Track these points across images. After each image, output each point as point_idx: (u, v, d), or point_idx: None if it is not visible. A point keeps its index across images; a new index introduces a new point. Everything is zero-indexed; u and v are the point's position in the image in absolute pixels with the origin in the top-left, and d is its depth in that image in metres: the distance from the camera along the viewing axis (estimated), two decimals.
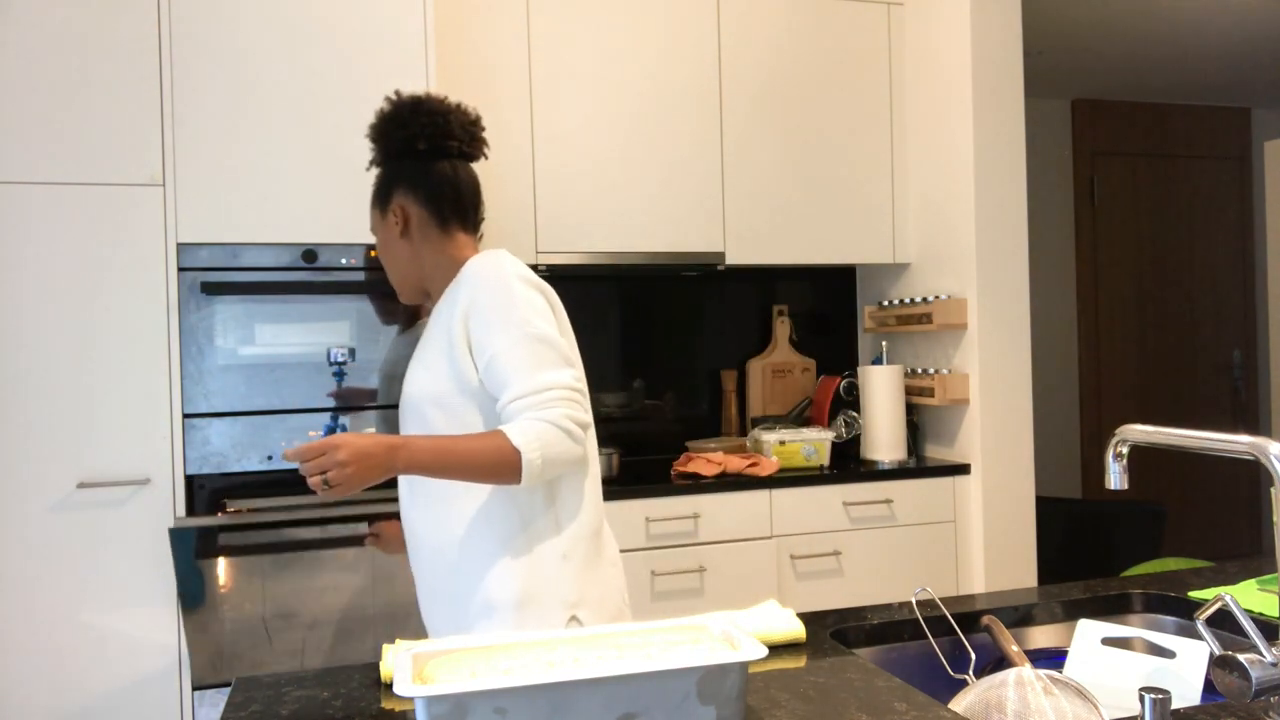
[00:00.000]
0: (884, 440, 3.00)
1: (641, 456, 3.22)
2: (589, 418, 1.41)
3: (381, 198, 1.55)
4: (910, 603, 1.36)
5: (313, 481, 1.25)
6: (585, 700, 0.88)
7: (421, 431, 1.44)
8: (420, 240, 1.53)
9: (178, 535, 2.08)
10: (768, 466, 2.79)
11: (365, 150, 2.34)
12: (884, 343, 3.22)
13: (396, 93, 1.56)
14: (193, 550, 2.10)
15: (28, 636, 2.13)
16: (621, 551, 2.58)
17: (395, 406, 2.35)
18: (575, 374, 1.40)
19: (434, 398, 1.43)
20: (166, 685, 2.19)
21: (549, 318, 1.42)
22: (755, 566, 2.70)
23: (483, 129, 1.58)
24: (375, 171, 1.63)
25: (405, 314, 2.37)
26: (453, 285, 1.47)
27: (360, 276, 2.34)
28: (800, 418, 3.26)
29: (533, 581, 1.38)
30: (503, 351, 1.37)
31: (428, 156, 1.53)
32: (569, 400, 1.37)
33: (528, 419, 1.34)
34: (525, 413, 1.35)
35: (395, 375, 2.35)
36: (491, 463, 1.31)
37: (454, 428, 1.42)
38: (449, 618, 1.43)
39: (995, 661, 1.24)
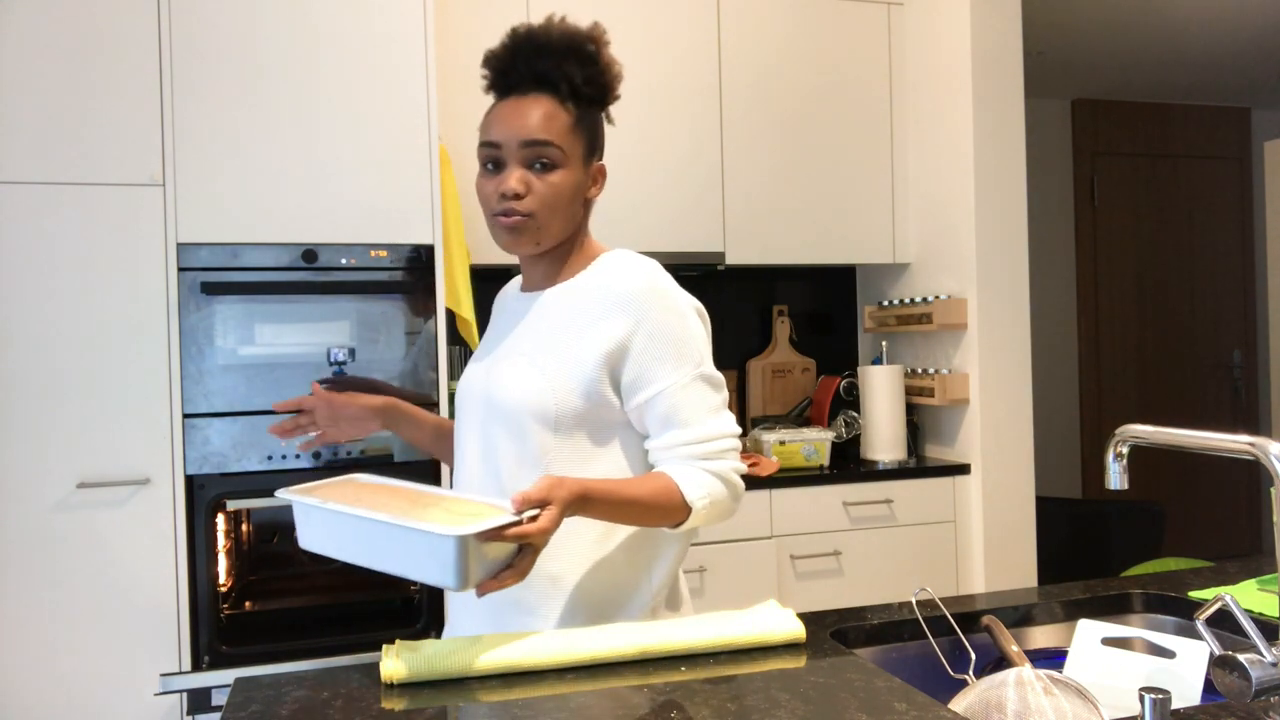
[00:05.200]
0: (884, 440, 3.00)
1: None
2: (745, 466, 1.32)
3: (593, 143, 1.35)
4: (910, 603, 1.36)
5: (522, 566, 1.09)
6: (349, 530, 1.12)
7: (510, 444, 1.28)
8: (587, 211, 1.38)
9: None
10: (768, 466, 2.79)
11: (365, 151, 2.36)
12: (884, 343, 3.23)
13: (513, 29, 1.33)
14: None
15: (28, 636, 2.13)
16: None
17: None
18: (733, 417, 1.32)
19: (542, 413, 1.25)
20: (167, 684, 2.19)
21: (710, 349, 1.33)
22: (755, 566, 2.70)
23: None
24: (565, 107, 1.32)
25: (411, 314, 2.37)
26: (597, 285, 1.29)
27: (360, 276, 2.34)
28: (800, 418, 3.26)
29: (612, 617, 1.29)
30: (672, 390, 1.25)
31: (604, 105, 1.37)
32: (734, 452, 1.29)
33: (697, 468, 1.24)
34: (692, 461, 1.25)
35: (398, 375, 2.35)
36: (660, 510, 1.21)
37: (559, 448, 1.26)
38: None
39: (995, 661, 1.24)
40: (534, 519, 1.08)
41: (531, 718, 0.98)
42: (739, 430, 1.31)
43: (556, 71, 1.31)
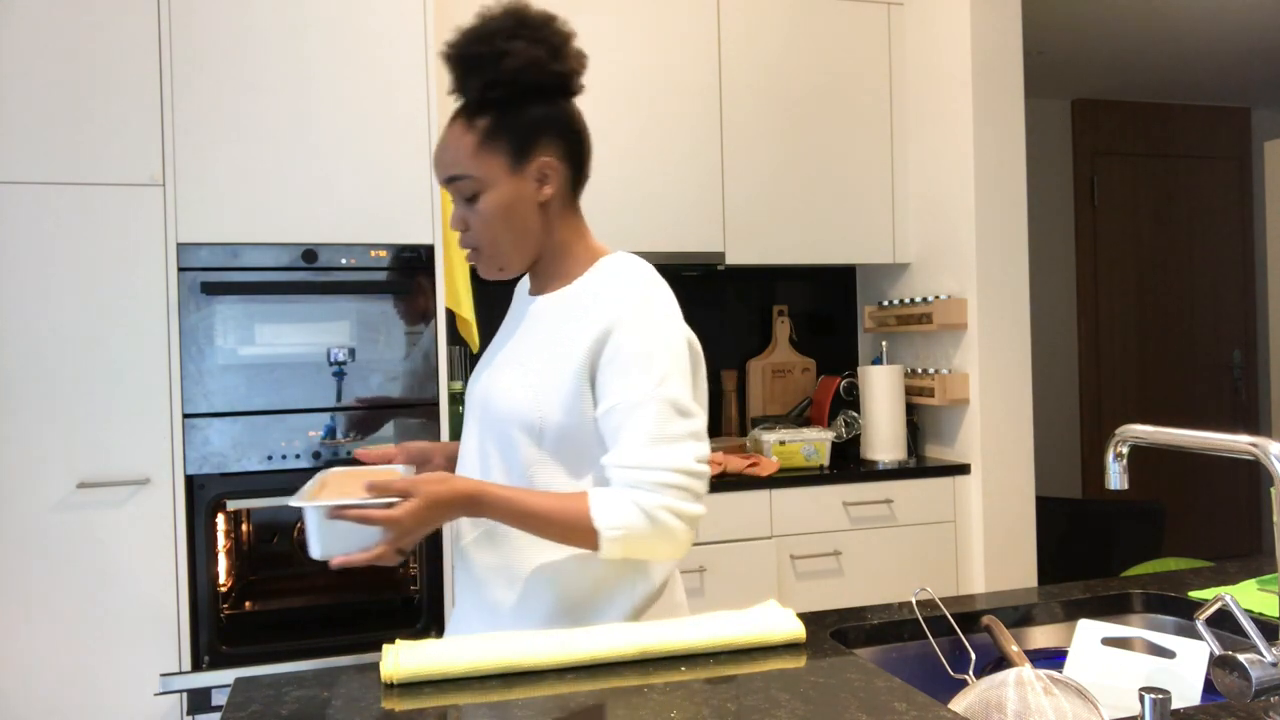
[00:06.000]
0: (884, 440, 3.00)
1: None
2: (694, 509, 1.18)
3: (517, 144, 1.23)
4: (910, 603, 1.36)
5: (381, 551, 1.12)
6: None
7: (499, 453, 1.26)
8: (558, 208, 1.28)
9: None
10: (768, 466, 2.79)
11: (365, 150, 2.36)
12: (884, 343, 3.22)
13: (496, 5, 1.24)
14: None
15: (28, 636, 2.13)
16: None
17: (405, 406, 2.35)
18: (698, 452, 1.19)
19: (526, 423, 1.23)
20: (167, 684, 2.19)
21: (688, 378, 1.22)
22: (755, 566, 2.70)
23: None
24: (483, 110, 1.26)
25: (411, 314, 2.37)
26: (589, 292, 1.25)
27: (360, 276, 2.34)
28: (800, 418, 3.25)
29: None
30: (623, 407, 1.17)
31: (572, 97, 1.27)
32: (678, 490, 1.16)
33: (623, 496, 1.16)
34: (625, 488, 1.17)
35: (398, 375, 2.35)
36: (568, 533, 1.16)
37: (543, 462, 1.23)
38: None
39: (995, 661, 1.24)
40: (392, 506, 1.12)
41: (531, 718, 0.98)
42: (694, 468, 1.18)
43: (460, 89, 1.25)
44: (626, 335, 1.19)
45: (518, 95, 1.24)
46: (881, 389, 2.99)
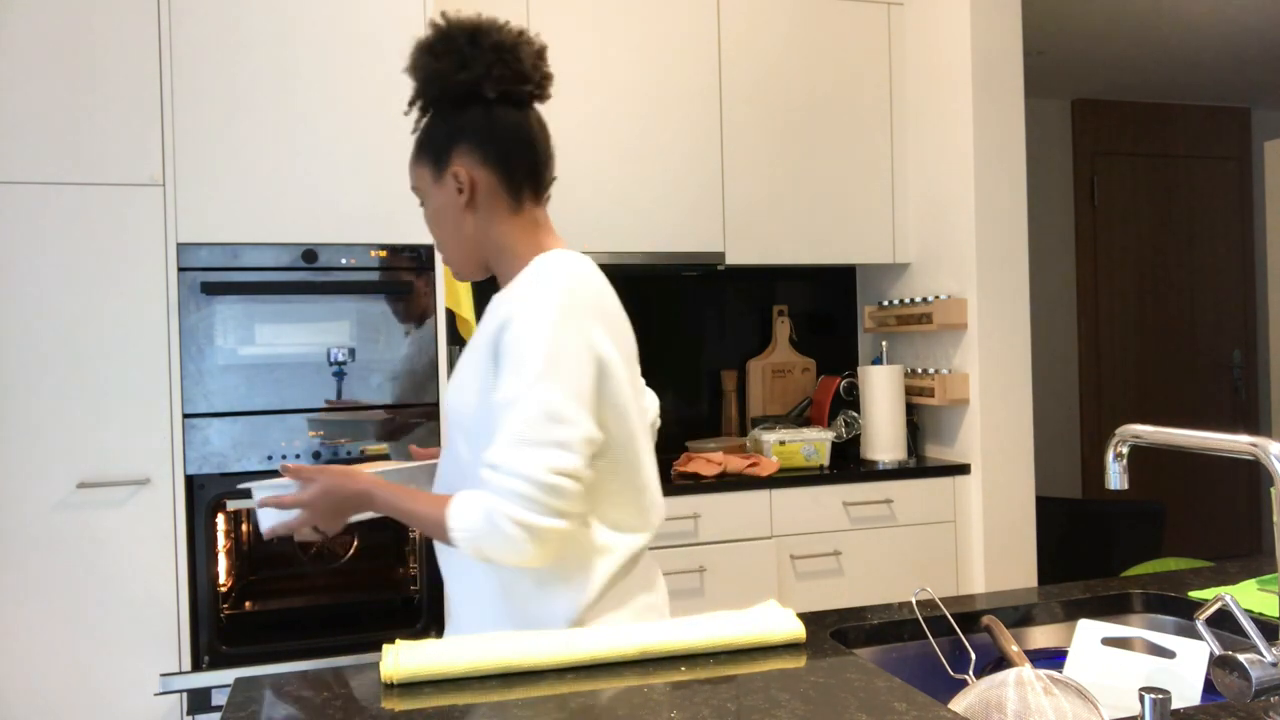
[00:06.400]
0: (884, 440, 3.00)
1: None
2: (545, 523, 1.12)
3: (437, 155, 1.28)
4: (910, 603, 1.36)
5: (296, 522, 1.28)
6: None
7: (448, 450, 1.31)
8: (489, 213, 1.28)
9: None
10: (768, 466, 2.79)
11: (365, 150, 2.36)
12: (884, 343, 3.23)
13: (443, 14, 1.26)
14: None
15: (28, 637, 2.13)
16: None
17: (405, 406, 2.35)
18: (558, 463, 1.13)
19: (461, 424, 1.26)
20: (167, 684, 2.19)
21: (574, 378, 1.16)
22: (755, 566, 2.70)
23: (548, 62, 1.31)
24: (415, 115, 1.33)
25: (411, 314, 2.37)
26: (513, 283, 1.25)
27: (360, 276, 2.34)
28: (800, 418, 3.25)
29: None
30: (502, 403, 1.16)
31: (495, 103, 1.26)
32: (523, 499, 1.12)
33: (476, 499, 1.15)
34: (482, 487, 1.15)
35: (398, 375, 2.35)
36: (437, 530, 1.19)
37: (474, 463, 1.23)
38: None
39: (995, 661, 1.24)
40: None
41: (531, 718, 0.98)
42: (547, 480, 1.12)
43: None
44: (514, 331, 1.17)
45: (431, 108, 1.29)
46: (881, 389, 2.99)
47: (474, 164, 1.27)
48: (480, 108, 1.27)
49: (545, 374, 1.15)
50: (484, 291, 2.70)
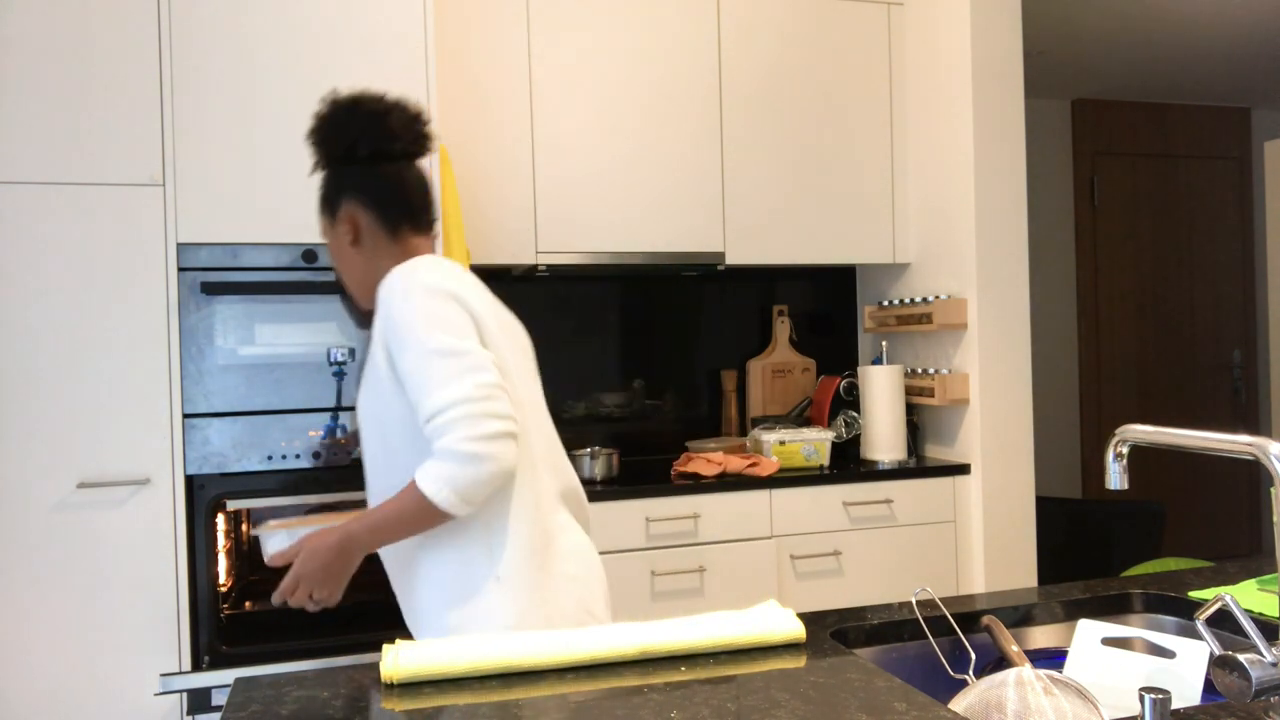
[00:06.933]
0: (884, 440, 3.00)
1: (641, 456, 3.22)
2: (495, 426, 1.28)
3: (329, 206, 1.53)
4: (910, 603, 1.36)
5: (298, 597, 1.43)
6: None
7: (375, 457, 1.45)
8: (372, 248, 1.51)
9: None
10: (768, 466, 2.79)
11: None
12: (884, 343, 3.23)
13: (333, 93, 1.52)
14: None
15: (28, 637, 2.13)
16: (621, 552, 2.58)
17: None
18: (476, 379, 1.29)
19: (376, 429, 1.43)
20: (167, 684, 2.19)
21: (456, 325, 1.34)
22: (755, 566, 2.70)
23: (426, 123, 1.54)
24: (319, 176, 1.59)
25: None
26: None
27: None
28: (800, 418, 3.26)
29: (465, 614, 1.36)
30: (408, 373, 1.33)
31: (372, 160, 1.49)
32: (467, 419, 1.27)
33: (433, 459, 1.30)
34: (432, 437, 1.30)
35: None
36: (419, 517, 1.31)
37: (406, 457, 1.38)
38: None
39: (995, 661, 1.24)
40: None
41: (531, 718, 0.98)
42: (473, 394, 1.28)
43: None
44: (394, 313, 1.35)
45: (325, 167, 1.53)
46: (881, 389, 3.00)
47: (356, 209, 1.50)
48: (360, 165, 1.49)
49: (430, 329, 1.32)
50: None
